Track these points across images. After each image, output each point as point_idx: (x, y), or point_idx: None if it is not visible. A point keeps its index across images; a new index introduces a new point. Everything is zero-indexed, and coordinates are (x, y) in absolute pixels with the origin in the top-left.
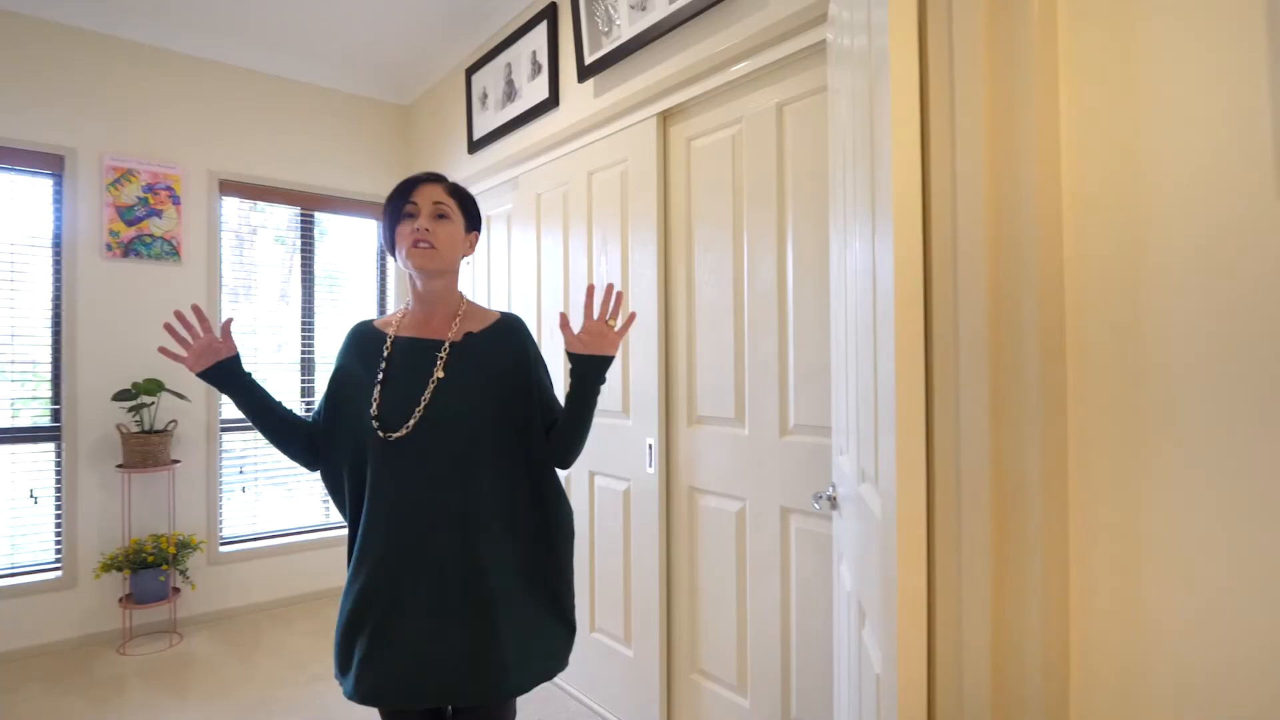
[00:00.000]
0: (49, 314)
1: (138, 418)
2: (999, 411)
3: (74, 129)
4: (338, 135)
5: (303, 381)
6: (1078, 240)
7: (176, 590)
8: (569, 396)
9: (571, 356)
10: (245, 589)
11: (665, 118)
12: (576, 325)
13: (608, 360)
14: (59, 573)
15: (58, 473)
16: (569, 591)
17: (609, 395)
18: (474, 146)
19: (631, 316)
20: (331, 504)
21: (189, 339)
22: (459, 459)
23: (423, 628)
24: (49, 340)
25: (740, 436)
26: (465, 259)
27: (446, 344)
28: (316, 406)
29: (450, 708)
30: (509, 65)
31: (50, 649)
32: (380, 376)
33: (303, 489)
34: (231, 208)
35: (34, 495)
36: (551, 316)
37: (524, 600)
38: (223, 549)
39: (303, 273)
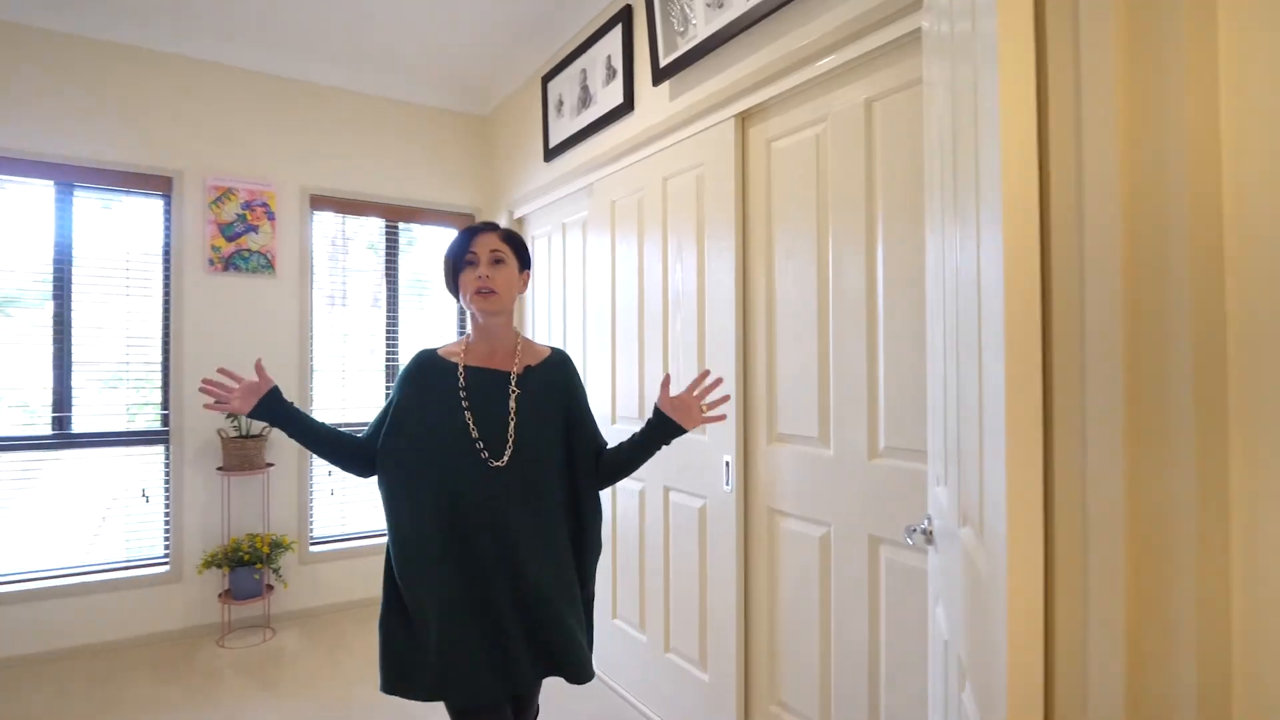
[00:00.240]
0: (160, 325)
1: (235, 423)
2: (1137, 437)
3: (181, 152)
4: (420, 148)
5: (386, 386)
6: (1241, 236)
7: (270, 588)
8: (636, 440)
9: (657, 411)
10: (333, 588)
11: (744, 119)
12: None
13: (682, 431)
14: (167, 567)
15: (166, 474)
16: (591, 597)
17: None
18: (550, 154)
19: (720, 415)
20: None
21: (228, 390)
22: (534, 481)
23: (490, 629)
24: (160, 349)
25: (824, 457)
26: (520, 292)
27: (513, 376)
28: (373, 421)
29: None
30: (584, 71)
31: (158, 638)
32: (465, 404)
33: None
34: (325, 219)
35: (145, 494)
36: (626, 324)
37: (570, 606)
38: (313, 549)
39: (388, 282)
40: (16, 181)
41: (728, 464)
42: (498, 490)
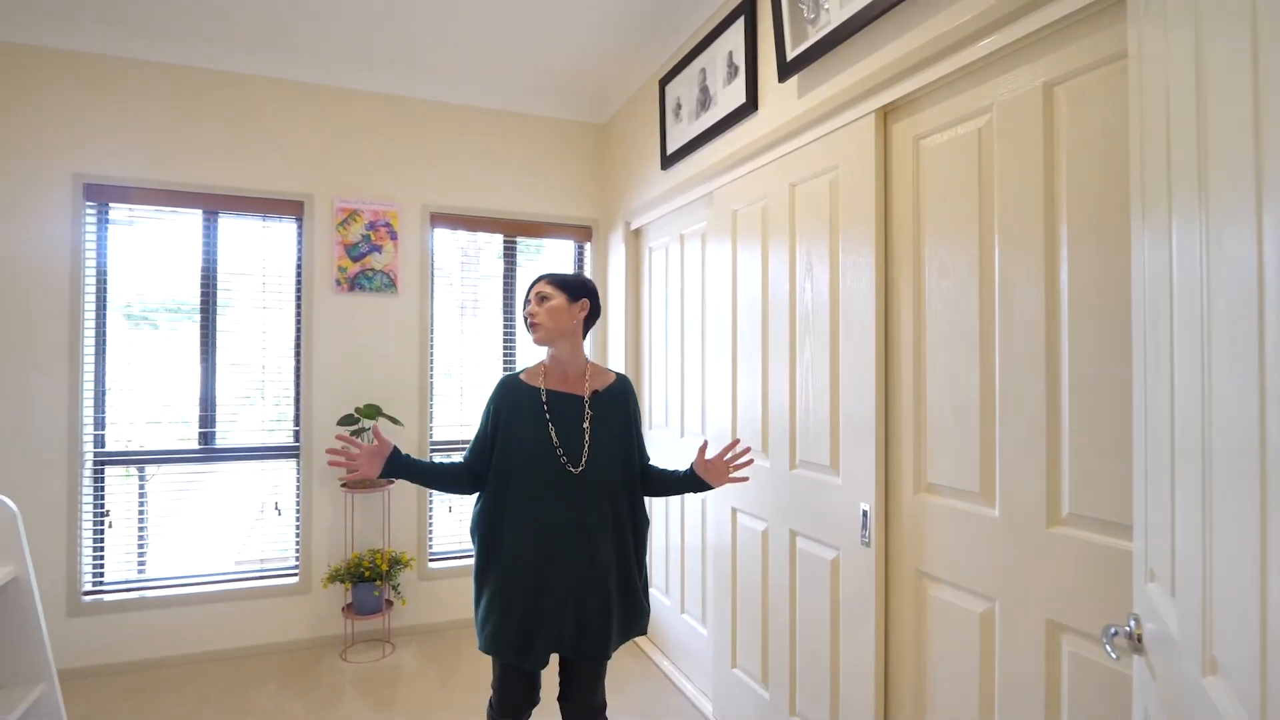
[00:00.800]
0: (293, 345)
1: (359, 440)
2: None
3: (312, 176)
4: (538, 160)
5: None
6: None
7: (389, 603)
8: (676, 478)
9: (692, 469)
10: (451, 605)
11: (885, 114)
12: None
13: (709, 488)
14: (296, 579)
15: (297, 488)
16: (646, 582)
17: (813, 447)
18: (667, 162)
19: (744, 477)
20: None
21: (353, 458)
22: (605, 487)
23: (567, 601)
24: (292, 368)
25: (987, 518)
26: (578, 319)
27: (586, 399)
28: (473, 443)
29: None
30: (703, 71)
31: (287, 647)
32: (550, 422)
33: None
34: (444, 237)
35: (278, 507)
36: (749, 344)
37: (628, 586)
38: (431, 565)
39: (504, 298)
40: (170, 212)
41: (865, 513)
42: (575, 492)
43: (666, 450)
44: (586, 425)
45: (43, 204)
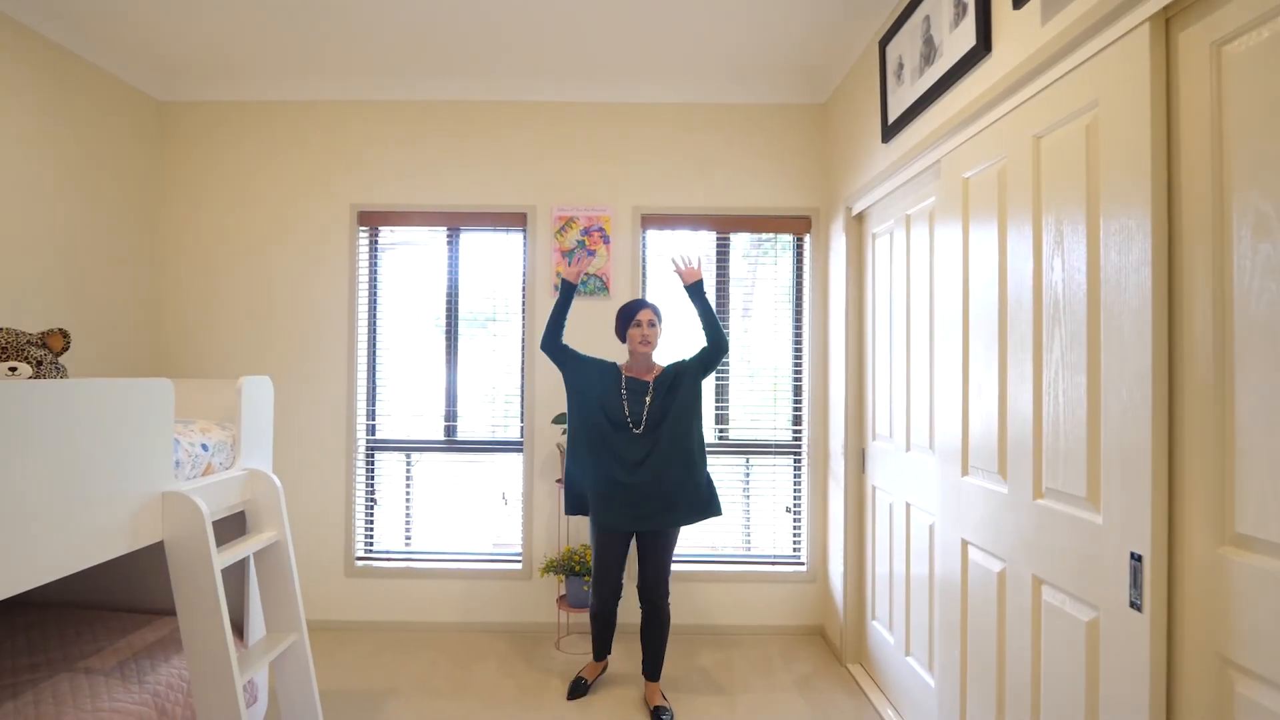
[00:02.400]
0: (519, 346)
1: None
2: None
3: (533, 188)
4: (752, 151)
5: (719, 405)
6: None
7: None
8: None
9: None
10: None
11: (1167, 19)
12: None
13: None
14: (520, 564)
15: (523, 480)
16: (708, 480)
17: (1063, 472)
18: (888, 133)
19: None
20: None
21: None
22: (660, 437)
23: (638, 497)
24: (519, 369)
25: None
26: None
27: (651, 383)
28: (577, 356)
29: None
30: (926, 19)
31: (507, 628)
32: (625, 399)
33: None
34: (655, 238)
35: (505, 498)
36: (982, 340)
37: (688, 486)
38: None
39: (717, 297)
40: (422, 230)
41: (1137, 566)
42: (635, 447)
43: (890, 466)
44: (648, 400)
45: (330, 231)
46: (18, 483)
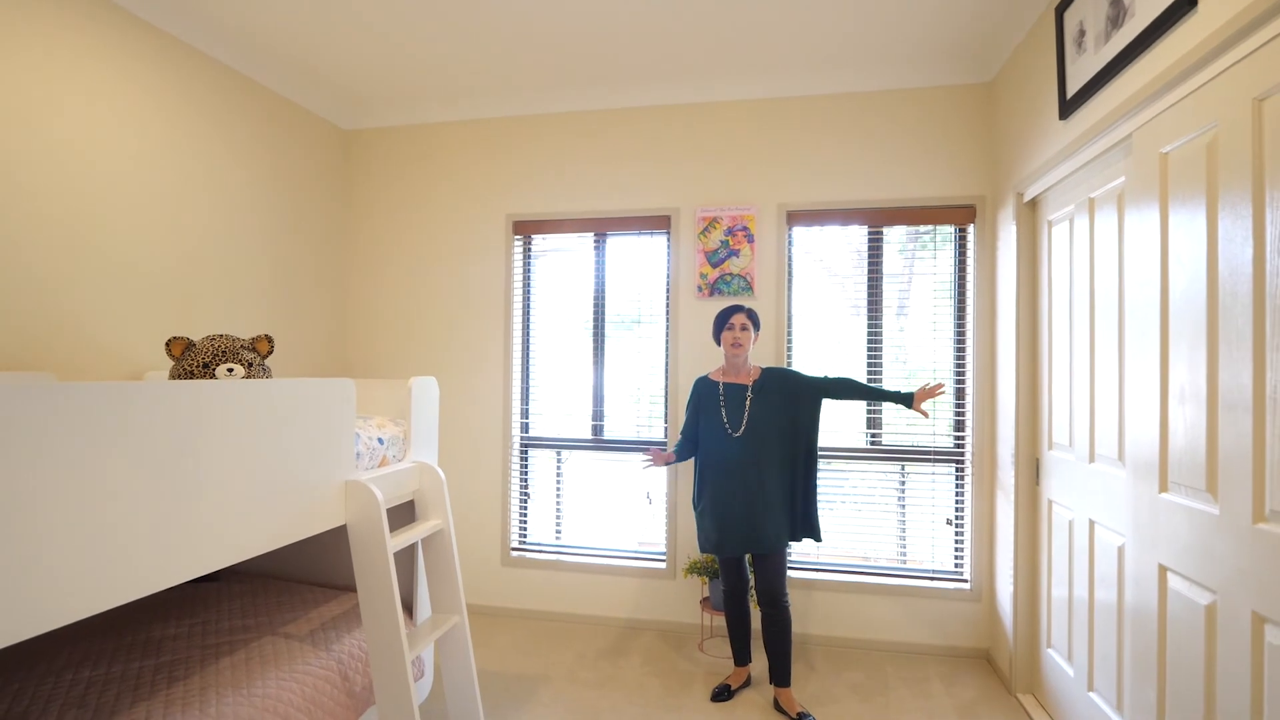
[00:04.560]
0: (663, 348)
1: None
2: None
3: (677, 190)
4: (907, 138)
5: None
6: None
7: None
8: (884, 393)
9: (914, 396)
10: (820, 618)
11: None
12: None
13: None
14: (664, 564)
15: (668, 480)
16: (814, 509)
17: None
18: (1066, 108)
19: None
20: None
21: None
22: (760, 441)
23: (741, 515)
24: (663, 369)
25: None
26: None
27: (749, 387)
28: (686, 423)
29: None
30: None
31: (652, 626)
32: (723, 405)
33: (873, 517)
34: (804, 234)
35: (649, 497)
36: (1185, 335)
37: (782, 508)
38: (793, 574)
39: (869, 296)
40: (572, 237)
41: None
42: (736, 450)
43: (1070, 478)
44: (747, 404)
45: (488, 241)
46: (235, 468)
